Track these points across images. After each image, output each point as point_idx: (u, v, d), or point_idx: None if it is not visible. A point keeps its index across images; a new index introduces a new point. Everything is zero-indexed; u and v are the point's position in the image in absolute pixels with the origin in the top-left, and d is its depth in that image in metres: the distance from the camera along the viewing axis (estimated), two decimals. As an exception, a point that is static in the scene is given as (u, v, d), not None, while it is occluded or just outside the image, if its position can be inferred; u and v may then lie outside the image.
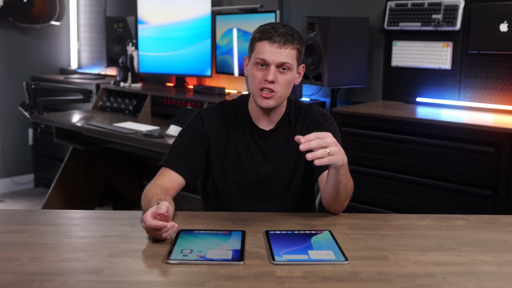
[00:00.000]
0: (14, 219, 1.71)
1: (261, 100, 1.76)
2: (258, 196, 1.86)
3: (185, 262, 1.35)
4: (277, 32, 1.72)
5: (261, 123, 1.86)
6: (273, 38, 1.72)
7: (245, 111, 1.87)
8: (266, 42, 1.73)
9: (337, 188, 1.64)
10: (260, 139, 1.85)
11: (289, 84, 1.77)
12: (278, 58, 1.72)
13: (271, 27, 1.74)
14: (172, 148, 1.85)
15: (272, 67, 1.73)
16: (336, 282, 1.26)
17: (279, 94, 1.76)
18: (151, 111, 4.07)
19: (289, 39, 1.73)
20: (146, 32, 4.37)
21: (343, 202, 1.71)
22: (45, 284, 1.24)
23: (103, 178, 4.43)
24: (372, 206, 3.09)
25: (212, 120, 1.87)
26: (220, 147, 1.86)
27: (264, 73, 1.74)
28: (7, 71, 5.05)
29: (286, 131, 1.86)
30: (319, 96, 3.75)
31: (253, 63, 1.76)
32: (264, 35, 1.73)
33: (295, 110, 1.88)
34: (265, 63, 1.73)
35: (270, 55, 1.72)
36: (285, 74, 1.75)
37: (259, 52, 1.74)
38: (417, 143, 2.92)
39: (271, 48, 1.72)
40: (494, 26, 3.04)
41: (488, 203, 2.70)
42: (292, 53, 1.75)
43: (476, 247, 1.49)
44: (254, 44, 1.76)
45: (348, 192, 1.69)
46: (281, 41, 1.72)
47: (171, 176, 1.79)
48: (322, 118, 1.86)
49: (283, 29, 1.74)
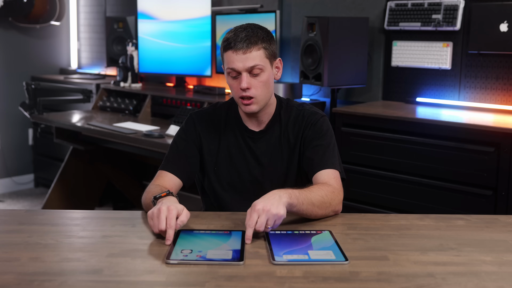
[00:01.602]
0: (14, 219, 1.72)
1: (244, 108, 1.78)
2: (253, 197, 1.85)
3: (185, 262, 1.35)
4: (238, 38, 1.72)
5: (251, 124, 1.87)
6: (236, 45, 1.71)
7: (235, 113, 1.89)
8: (230, 51, 1.73)
9: (304, 215, 1.63)
10: (251, 140, 1.86)
11: (266, 85, 1.77)
12: (246, 64, 1.72)
13: (232, 34, 1.74)
14: (168, 153, 1.89)
15: (244, 74, 1.73)
16: (336, 282, 1.26)
17: (259, 98, 1.76)
18: (151, 111, 4.07)
19: (252, 41, 1.72)
20: (146, 32, 4.37)
21: (325, 214, 1.68)
22: (45, 284, 1.24)
23: (103, 178, 4.43)
24: (372, 206, 3.09)
25: (204, 122, 1.88)
26: (213, 149, 1.87)
27: (238, 81, 1.75)
28: (7, 71, 5.06)
29: (277, 131, 1.86)
30: (319, 96, 3.75)
31: (226, 74, 1.78)
32: (227, 45, 1.74)
33: (286, 110, 1.88)
34: (236, 72, 1.74)
35: (238, 63, 1.72)
36: (259, 76, 1.75)
37: (227, 62, 1.75)
38: (417, 143, 2.92)
39: (236, 56, 1.72)
40: (494, 26, 3.04)
41: (488, 203, 2.70)
42: (259, 54, 1.73)
43: (476, 247, 1.49)
44: (222, 55, 1.78)
45: (319, 207, 1.64)
46: (243, 46, 1.71)
47: (168, 177, 1.82)
48: (313, 118, 1.85)
49: (243, 33, 1.73)
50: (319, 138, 1.82)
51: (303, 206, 1.59)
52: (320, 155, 1.79)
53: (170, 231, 1.47)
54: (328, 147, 1.82)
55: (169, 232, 1.47)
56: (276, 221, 1.51)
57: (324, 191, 1.67)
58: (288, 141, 1.85)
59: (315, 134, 1.83)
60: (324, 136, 1.83)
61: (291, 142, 1.85)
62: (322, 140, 1.82)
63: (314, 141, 1.82)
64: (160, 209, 1.50)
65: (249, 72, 1.73)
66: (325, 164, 1.77)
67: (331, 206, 1.68)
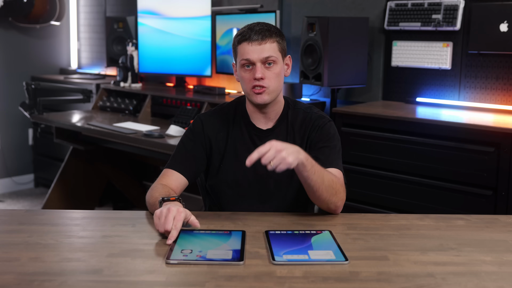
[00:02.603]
0: (14, 219, 1.72)
1: (255, 97, 1.79)
2: (256, 195, 1.87)
3: (185, 262, 1.35)
4: (253, 31, 1.78)
5: (259, 122, 1.88)
6: (251, 37, 1.77)
7: (243, 111, 1.91)
8: (245, 43, 1.78)
9: (310, 185, 1.64)
10: (258, 138, 1.87)
11: (278, 77, 1.81)
12: (261, 54, 1.77)
13: (247, 28, 1.80)
14: (175, 152, 1.90)
15: (258, 65, 1.77)
16: (336, 282, 1.26)
17: (271, 88, 1.79)
18: (151, 111, 4.07)
19: (267, 34, 1.78)
20: (146, 32, 4.37)
21: (328, 199, 1.68)
22: (45, 284, 1.24)
23: (103, 178, 4.43)
24: (372, 206, 3.09)
25: (212, 124, 1.90)
26: (221, 146, 1.89)
27: (252, 72, 1.78)
28: (7, 71, 5.06)
29: (284, 131, 1.88)
30: (319, 96, 3.75)
31: (240, 66, 1.81)
32: (242, 37, 1.79)
33: (293, 111, 1.90)
34: (250, 62, 1.78)
35: (252, 53, 1.76)
36: (272, 68, 1.79)
37: (241, 54, 1.79)
38: (417, 143, 2.92)
39: (252, 46, 1.77)
40: (494, 26, 3.04)
41: (488, 203, 2.70)
42: (273, 46, 1.79)
43: (476, 247, 1.49)
44: (236, 48, 1.82)
45: (327, 188, 1.66)
46: (259, 38, 1.77)
47: (174, 176, 1.82)
48: (321, 121, 1.87)
49: (258, 26, 1.79)
50: (325, 140, 1.84)
51: (314, 175, 1.61)
52: (326, 155, 1.80)
53: (174, 232, 1.48)
54: (334, 149, 1.84)
55: (173, 232, 1.48)
56: (280, 165, 1.52)
57: (336, 180, 1.70)
58: (294, 142, 1.86)
59: (322, 137, 1.84)
60: (331, 139, 1.85)
61: (297, 143, 1.85)
62: (328, 142, 1.84)
63: (320, 143, 1.84)
64: (169, 209, 1.52)
65: (263, 63, 1.77)
66: (331, 163, 1.78)
67: (336, 196, 1.69)
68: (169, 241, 1.46)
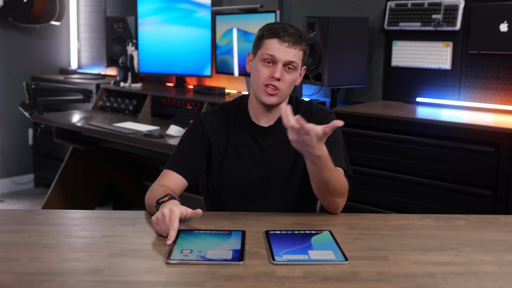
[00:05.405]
0: (14, 219, 1.71)
1: (265, 97, 1.79)
2: (258, 194, 1.87)
3: (185, 262, 1.35)
4: (286, 32, 1.77)
5: (261, 120, 1.88)
6: (284, 37, 1.76)
7: (244, 111, 1.90)
8: (276, 40, 1.76)
9: (318, 181, 1.64)
10: (260, 136, 1.87)
11: (292, 84, 1.81)
12: (286, 57, 1.76)
13: (280, 26, 1.79)
14: (174, 153, 1.89)
15: (279, 65, 1.76)
16: (336, 282, 1.26)
17: (283, 92, 1.79)
18: (151, 111, 4.07)
19: (298, 40, 1.78)
20: (146, 32, 4.37)
21: (333, 199, 1.70)
22: (45, 284, 1.24)
23: (103, 178, 4.43)
24: (372, 206, 3.09)
25: (212, 123, 1.89)
26: (221, 146, 1.88)
27: (271, 70, 1.77)
28: (7, 71, 5.05)
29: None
30: (319, 96, 3.75)
31: (259, 59, 1.79)
32: (274, 33, 1.77)
33: (295, 106, 1.89)
34: (273, 60, 1.77)
35: (280, 52, 1.76)
36: (291, 73, 1.78)
37: (268, 49, 1.77)
38: (417, 143, 2.92)
39: (281, 46, 1.76)
40: (494, 26, 3.04)
41: (488, 203, 2.70)
42: (299, 54, 1.79)
43: (476, 247, 1.49)
44: (262, 41, 1.80)
45: (334, 188, 1.67)
46: (291, 41, 1.76)
47: (173, 177, 1.82)
48: (321, 114, 1.88)
49: (292, 29, 1.79)
50: None
51: (327, 172, 1.62)
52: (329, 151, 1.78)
53: (172, 232, 1.48)
54: (336, 144, 1.83)
55: (171, 233, 1.48)
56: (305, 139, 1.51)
57: (344, 184, 1.71)
58: None
59: None
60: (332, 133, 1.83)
61: None
62: (330, 137, 1.82)
63: None
64: (163, 214, 1.52)
65: (284, 66, 1.77)
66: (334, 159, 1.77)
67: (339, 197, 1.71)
68: (168, 242, 1.46)
